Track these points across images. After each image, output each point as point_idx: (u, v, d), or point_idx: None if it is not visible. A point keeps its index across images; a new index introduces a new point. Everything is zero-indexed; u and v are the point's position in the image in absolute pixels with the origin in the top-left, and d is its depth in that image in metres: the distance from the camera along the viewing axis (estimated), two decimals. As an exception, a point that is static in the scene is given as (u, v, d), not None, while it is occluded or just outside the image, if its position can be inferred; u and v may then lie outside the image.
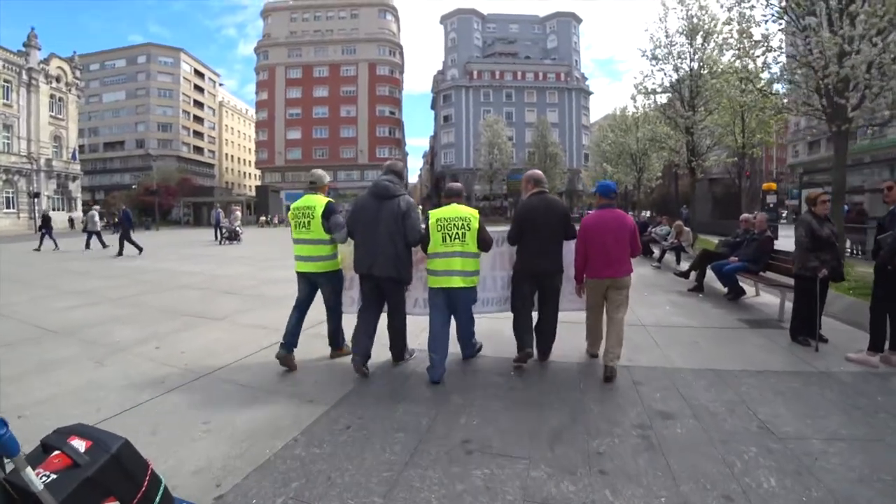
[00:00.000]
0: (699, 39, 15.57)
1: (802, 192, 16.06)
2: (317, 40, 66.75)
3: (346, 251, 4.20)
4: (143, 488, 1.66)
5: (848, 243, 11.04)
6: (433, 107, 69.79)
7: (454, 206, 3.86)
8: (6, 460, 1.47)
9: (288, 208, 4.45)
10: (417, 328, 4.41)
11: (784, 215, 26.92)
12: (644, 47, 16.09)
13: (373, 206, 3.84)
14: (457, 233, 3.70)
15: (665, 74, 16.23)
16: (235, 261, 12.80)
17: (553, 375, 4.02)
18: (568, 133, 63.63)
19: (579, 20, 70.77)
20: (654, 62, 16.04)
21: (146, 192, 46.08)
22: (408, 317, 4.19)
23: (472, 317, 4.07)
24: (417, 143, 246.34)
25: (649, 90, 16.53)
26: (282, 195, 58.19)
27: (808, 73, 7.92)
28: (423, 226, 3.88)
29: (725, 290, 7.27)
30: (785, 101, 8.76)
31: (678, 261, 10.51)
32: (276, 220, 45.29)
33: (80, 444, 1.59)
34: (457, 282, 3.73)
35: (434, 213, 3.83)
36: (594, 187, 4.82)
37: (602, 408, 3.29)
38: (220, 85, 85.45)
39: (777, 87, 8.94)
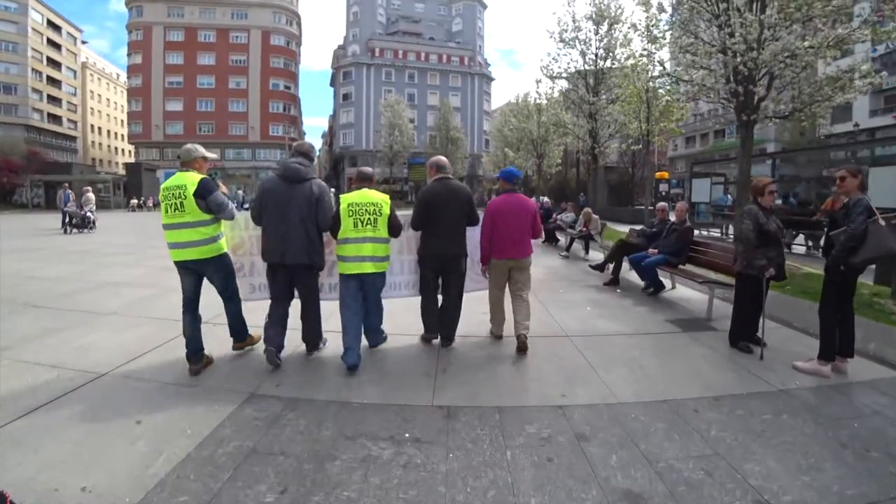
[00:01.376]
0: (605, 26, 15.42)
1: (693, 181, 16.79)
2: (203, 0, 59.75)
3: (238, 234, 4.17)
4: None
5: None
6: (332, 84, 66.11)
7: (365, 191, 3.81)
8: None
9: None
10: (325, 312, 4.08)
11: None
12: (552, 29, 15.62)
13: (283, 190, 3.61)
14: (368, 218, 3.69)
15: (571, 59, 15.99)
16: (70, 256, 10.16)
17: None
18: (470, 118, 63.63)
19: (484, 6, 70.79)
20: (560, 45, 15.67)
21: (-24, 170, 38.02)
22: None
23: (381, 304, 4.09)
24: (316, 122, 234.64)
25: (555, 74, 16.16)
26: (159, 174, 51.63)
27: (726, 60, 7.57)
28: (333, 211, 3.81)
29: (643, 283, 6.71)
30: (695, 87, 8.34)
31: (587, 250, 10.02)
32: (150, 203, 39.78)
33: None
34: (368, 267, 3.72)
35: (346, 198, 3.76)
36: (498, 173, 4.86)
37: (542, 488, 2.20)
38: (84, 42, 73.48)
39: (688, 73, 8.51)
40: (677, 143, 53.76)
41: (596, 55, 15.61)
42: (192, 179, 3.47)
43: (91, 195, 18.63)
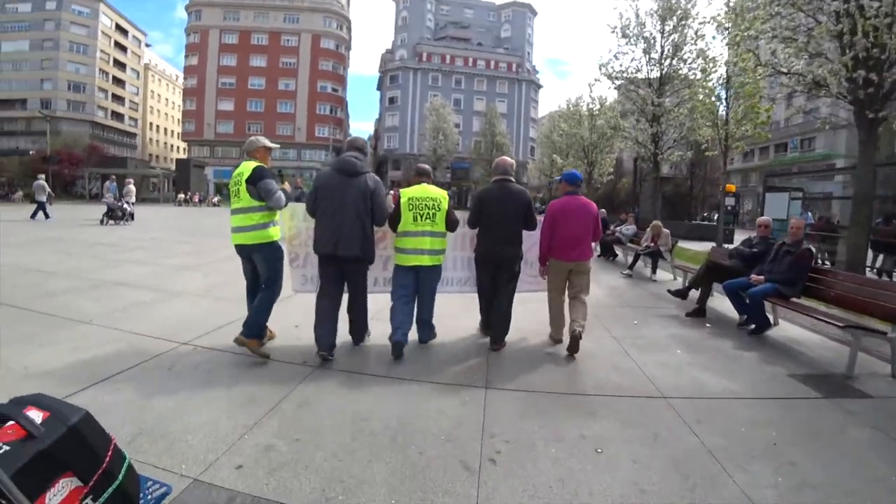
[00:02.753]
0: (673, 21, 13.88)
1: (766, 196, 14.89)
2: (257, 4, 61.41)
3: (296, 225, 4.18)
4: (105, 464, 1.57)
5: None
6: (379, 87, 66.32)
7: (424, 186, 3.92)
8: None
9: (214, 186, 5.27)
10: (374, 306, 4.10)
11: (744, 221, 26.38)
12: (613, 24, 14.21)
13: (338, 184, 3.60)
14: (427, 213, 3.78)
15: (634, 57, 14.51)
16: (89, 249, 9.58)
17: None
18: (516, 124, 62.29)
19: (535, 12, 69.47)
20: (623, 41, 14.23)
21: (43, 160, 39.67)
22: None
23: (434, 298, 4.04)
24: (364, 126, 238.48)
25: (614, 73, 14.70)
26: (207, 171, 52.86)
27: (847, 42, 6.04)
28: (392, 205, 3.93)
29: (743, 317, 5.30)
30: (798, 79, 6.81)
31: (654, 269, 8.55)
32: (196, 199, 40.43)
33: (36, 415, 1.49)
34: (426, 260, 3.81)
35: (406, 193, 3.85)
36: (559, 176, 4.65)
37: None
38: (147, 45, 76.96)
39: (790, 63, 6.97)
40: (734, 157, 50.43)
41: (661, 53, 14.07)
42: (248, 167, 3.56)
43: (132, 188, 18.56)
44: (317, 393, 3.04)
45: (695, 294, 5.87)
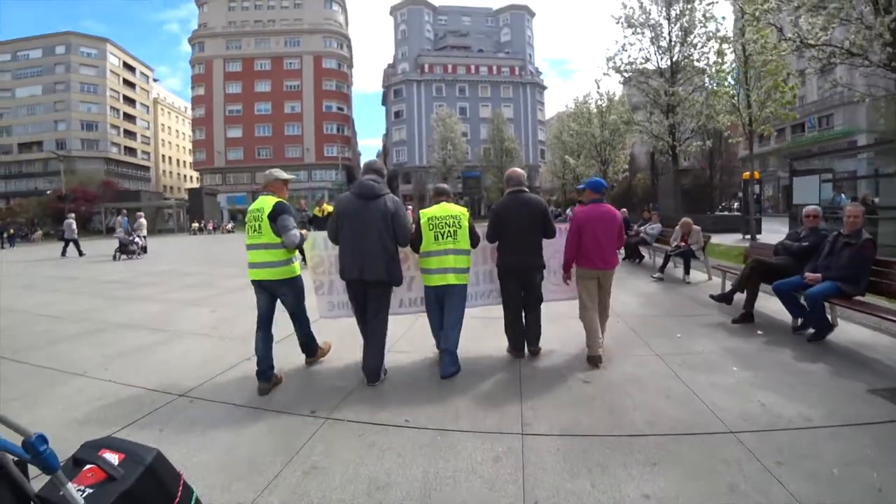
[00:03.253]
0: (679, 4, 13.37)
1: (794, 180, 14.17)
2: (258, 31, 62.41)
3: (318, 253, 4.27)
4: (178, 499, 1.65)
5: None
6: (384, 102, 66.51)
7: (444, 204, 3.91)
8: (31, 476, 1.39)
9: (228, 213, 4.65)
10: (402, 328, 4.57)
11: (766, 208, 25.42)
12: (617, 14, 13.74)
13: (358, 207, 3.58)
14: (448, 231, 3.76)
15: (642, 47, 14.01)
16: (97, 287, 9.37)
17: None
18: (524, 128, 61.84)
19: (532, 14, 69.23)
20: (629, 31, 13.74)
21: (59, 199, 40.48)
22: (390, 317, 3.89)
23: (461, 321, 3.91)
24: (371, 143, 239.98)
25: (622, 66, 14.20)
26: (220, 199, 53.39)
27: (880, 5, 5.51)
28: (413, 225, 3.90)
29: (798, 321, 4.76)
30: (829, 52, 6.27)
31: (687, 270, 7.98)
32: (210, 227, 40.71)
33: (112, 457, 1.57)
34: (451, 279, 3.76)
35: (425, 213, 3.85)
36: (583, 184, 4.52)
37: None
38: (155, 80, 78.68)
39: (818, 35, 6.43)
40: (758, 141, 48.98)
41: (670, 40, 13.54)
42: (269, 202, 3.58)
43: (143, 221, 18.57)
44: (327, 453, 2.62)
45: (740, 297, 5.35)
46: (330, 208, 9.25)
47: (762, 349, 4.25)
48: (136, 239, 16.52)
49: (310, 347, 4.03)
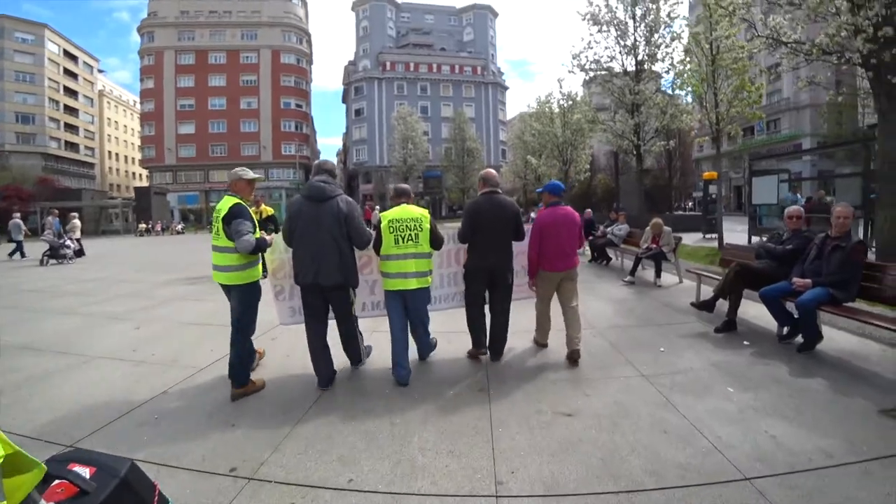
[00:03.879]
0: (644, 4, 13.24)
1: (753, 181, 14.32)
2: (213, 22, 59.50)
3: (279, 257, 4.05)
4: None
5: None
6: (344, 100, 65.09)
7: (405, 206, 3.76)
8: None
9: (179, 213, 2.76)
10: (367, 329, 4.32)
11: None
12: (583, 11, 13.48)
13: (310, 211, 3.46)
14: (409, 234, 3.63)
15: (606, 46, 13.80)
16: (9, 299, 8.27)
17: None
18: (485, 128, 61.72)
19: (496, 14, 69.27)
20: (595, 27, 13.51)
21: (-15, 199, 37.26)
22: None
23: (426, 319, 3.90)
24: (332, 142, 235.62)
25: (587, 64, 13.97)
26: (170, 198, 50.76)
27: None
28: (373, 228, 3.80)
29: (783, 329, 4.43)
30: (804, 49, 6.05)
31: (658, 273, 7.67)
32: (157, 228, 38.48)
33: (83, 471, 1.48)
34: (412, 283, 3.64)
35: (385, 215, 3.73)
36: (541, 187, 4.51)
37: None
38: (101, 71, 74.08)
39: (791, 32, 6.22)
40: (703, 145, 50.62)
41: (634, 39, 13.41)
42: (226, 205, 3.44)
43: (77, 222, 17.11)
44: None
45: (721, 304, 5.00)
46: (270, 210, 8.50)
47: (753, 363, 3.86)
48: (68, 242, 15.08)
49: (239, 375, 3.47)
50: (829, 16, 5.51)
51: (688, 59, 10.23)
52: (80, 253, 16.13)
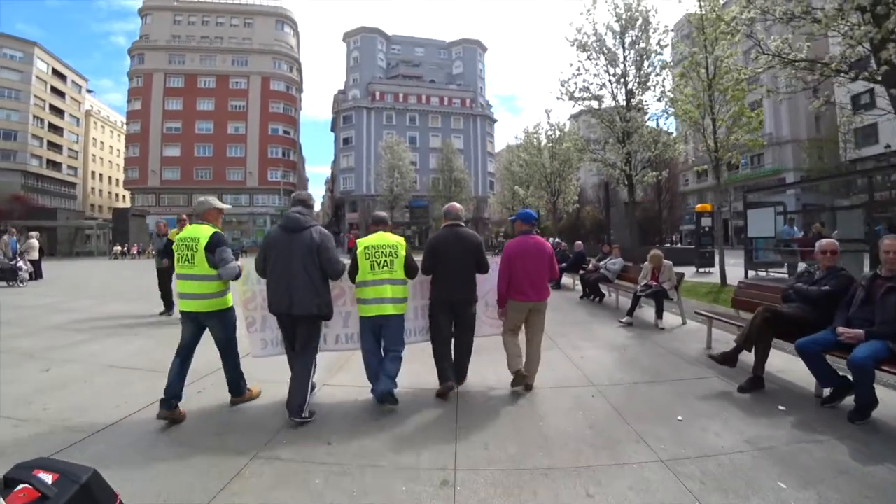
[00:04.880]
0: (634, 32, 12.96)
1: (748, 213, 13.82)
2: (204, 47, 59.56)
3: (251, 288, 4.01)
4: None
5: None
6: (333, 128, 65.01)
7: (381, 233, 3.87)
8: None
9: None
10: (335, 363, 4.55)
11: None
12: (570, 37, 13.15)
13: (284, 241, 3.51)
14: (385, 260, 3.72)
15: (595, 73, 13.44)
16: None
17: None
18: (473, 160, 61.81)
19: (485, 48, 70.52)
20: (584, 55, 13.15)
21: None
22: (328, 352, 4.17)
23: (400, 354, 3.81)
24: (321, 170, 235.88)
25: (576, 91, 13.55)
26: (149, 221, 49.42)
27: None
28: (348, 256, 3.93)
29: (825, 390, 3.64)
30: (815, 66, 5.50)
31: (659, 313, 6.88)
32: (133, 251, 37.08)
33: (46, 477, 1.53)
34: (389, 309, 3.70)
35: (362, 242, 3.83)
36: (513, 216, 4.51)
37: None
38: (90, 91, 73.48)
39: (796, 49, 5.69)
40: (688, 178, 51.12)
41: (625, 67, 13.06)
42: (205, 233, 3.50)
43: (34, 242, 15.94)
44: None
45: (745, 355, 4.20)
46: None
47: (800, 440, 3.02)
48: (21, 263, 13.95)
49: (237, 386, 3.76)
50: (851, 27, 4.96)
51: (683, 82, 9.75)
52: (35, 275, 15.01)
